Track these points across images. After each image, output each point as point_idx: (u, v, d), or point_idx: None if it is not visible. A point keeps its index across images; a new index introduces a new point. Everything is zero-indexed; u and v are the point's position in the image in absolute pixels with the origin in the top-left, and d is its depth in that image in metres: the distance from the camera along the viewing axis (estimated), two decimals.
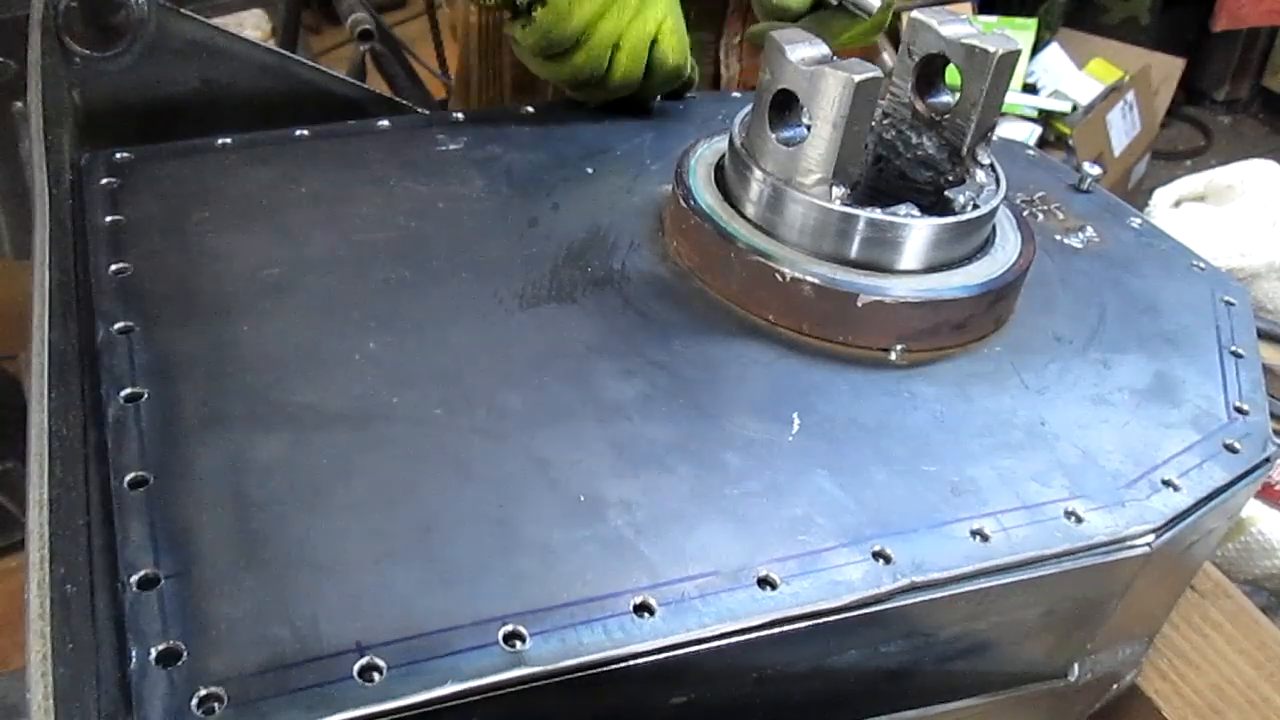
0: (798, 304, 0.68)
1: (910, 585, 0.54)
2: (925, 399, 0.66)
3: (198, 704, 0.44)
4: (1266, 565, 1.00)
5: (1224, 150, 3.78)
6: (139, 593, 0.48)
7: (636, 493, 0.57)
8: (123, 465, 0.54)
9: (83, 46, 0.83)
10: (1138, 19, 3.59)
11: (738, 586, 0.52)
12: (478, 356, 0.65)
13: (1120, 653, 0.72)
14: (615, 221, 0.78)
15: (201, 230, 0.72)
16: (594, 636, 0.49)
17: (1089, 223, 0.85)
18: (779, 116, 0.69)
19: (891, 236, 0.68)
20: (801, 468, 0.60)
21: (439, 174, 0.81)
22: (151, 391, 0.59)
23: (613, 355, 0.66)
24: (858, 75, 0.63)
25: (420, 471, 0.56)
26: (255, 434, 0.57)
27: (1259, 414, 0.68)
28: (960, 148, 0.72)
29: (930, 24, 0.71)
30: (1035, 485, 0.61)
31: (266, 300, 0.67)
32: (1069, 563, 0.58)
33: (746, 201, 0.72)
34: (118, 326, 0.63)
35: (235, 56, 0.89)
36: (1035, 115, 3.07)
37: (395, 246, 0.73)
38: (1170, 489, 0.62)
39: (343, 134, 0.84)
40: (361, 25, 1.90)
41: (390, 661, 0.46)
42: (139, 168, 0.77)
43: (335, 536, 0.52)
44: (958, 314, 0.69)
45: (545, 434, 0.60)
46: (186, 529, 0.51)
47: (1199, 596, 0.86)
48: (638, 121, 0.91)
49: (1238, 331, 0.76)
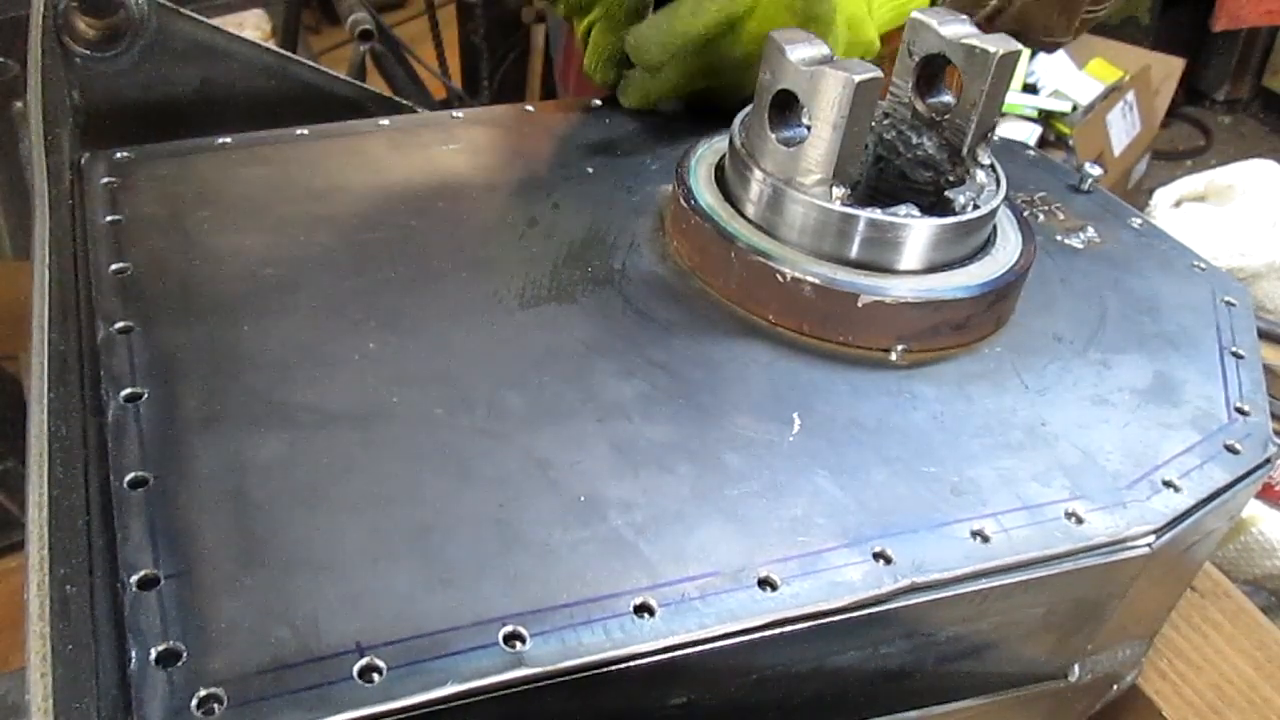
0: (798, 304, 0.68)
1: (910, 586, 0.54)
2: (925, 399, 0.66)
3: (197, 704, 0.44)
4: (1266, 565, 1.00)
5: (1224, 150, 3.78)
6: (139, 593, 0.48)
7: (636, 493, 0.57)
8: (123, 465, 0.54)
9: (83, 46, 0.83)
10: (1138, 19, 3.59)
11: (738, 587, 0.52)
12: (478, 356, 0.65)
13: (1120, 653, 0.72)
14: (615, 221, 0.78)
15: (201, 230, 0.72)
16: (594, 637, 0.49)
17: (1089, 223, 0.85)
18: (779, 116, 0.69)
19: (892, 236, 0.68)
20: (802, 468, 0.60)
21: (439, 174, 0.81)
22: (151, 391, 0.59)
23: (613, 355, 0.66)
24: (858, 75, 0.63)
25: (420, 471, 0.56)
26: (255, 434, 0.57)
27: (1259, 414, 0.68)
28: (960, 148, 0.72)
29: (930, 24, 0.71)
30: (1036, 486, 0.61)
31: (266, 300, 0.66)
32: (1069, 563, 0.58)
33: (746, 201, 0.72)
34: (118, 326, 0.63)
35: (235, 56, 0.89)
36: (1035, 115, 3.07)
37: (395, 246, 0.73)
38: (1171, 490, 0.62)
39: (343, 134, 0.84)
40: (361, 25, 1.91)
41: (390, 662, 0.46)
42: (139, 168, 0.77)
43: (335, 536, 0.52)
44: (958, 314, 0.69)
45: (545, 434, 0.60)
46: (186, 529, 0.51)
47: (1199, 596, 0.86)
48: (638, 121, 0.91)
49: (1238, 332, 0.76)
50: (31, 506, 0.48)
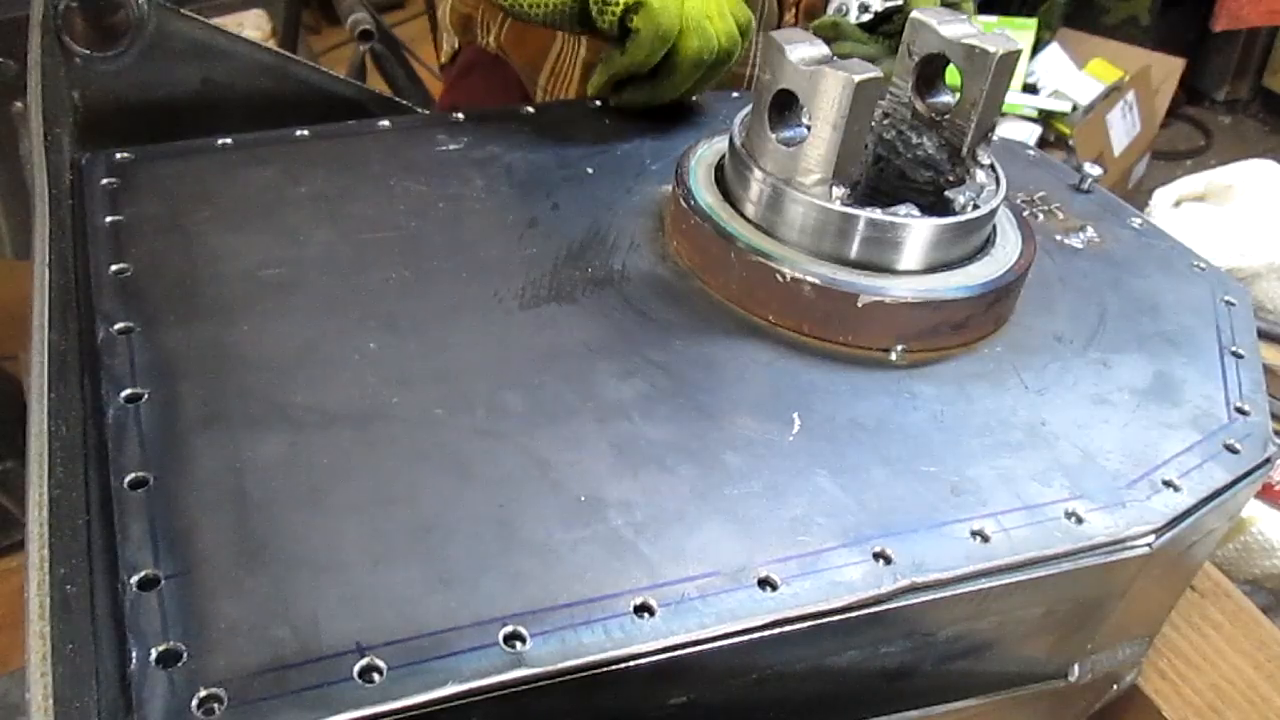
0: (798, 304, 0.68)
1: (910, 586, 0.54)
2: (925, 399, 0.66)
3: (198, 704, 0.44)
4: (1266, 565, 1.00)
5: (1224, 150, 3.77)
6: (139, 593, 0.48)
7: (636, 493, 0.57)
8: (123, 465, 0.54)
9: (83, 46, 0.83)
10: (1138, 19, 3.58)
11: (738, 587, 0.52)
12: (478, 356, 0.65)
13: (1120, 653, 0.72)
14: (615, 221, 0.78)
15: (201, 230, 0.72)
16: (594, 637, 0.49)
17: (1089, 223, 0.85)
18: (779, 116, 0.69)
19: (891, 236, 0.68)
20: (802, 468, 0.60)
21: (439, 174, 0.81)
22: (151, 391, 0.59)
23: (613, 355, 0.66)
24: (858, 75, 0.63)
25: (420, 471, 0.56)
26: (255, 434, 0.57)
27: (1259, 414, 0.68)
28: (960, 148, 0.72)
29: (930, 24, 0.71)
30: (1035, 485, 0.61)
31: (266, 300, 0.66)
32: (1069, 563, 0.58)
33: (746, 201, 0.72)
34: (118, 326, 0.63)
35: (235, 57, 0.89)
36: (1035, 115, 3.07)
37: (395, 246, 0.73)
38: (1171, 489, 0.62)
39: (343, 134, 0.84)
40: (361, 25, 1.91)
41: (390, 662, 0.46)
42: (139, 168, 0.77)
43: (335, 537, 0.52)
44: (958, 314, 0.69)
45: (545, 434, 0.60)
46: (186, 529, 0.51)
47: (1199, 596, 0.86)
48: (638, 122, 0.91)
49: (1238, 332, 0.76)
50: (31, 506, 0.48)
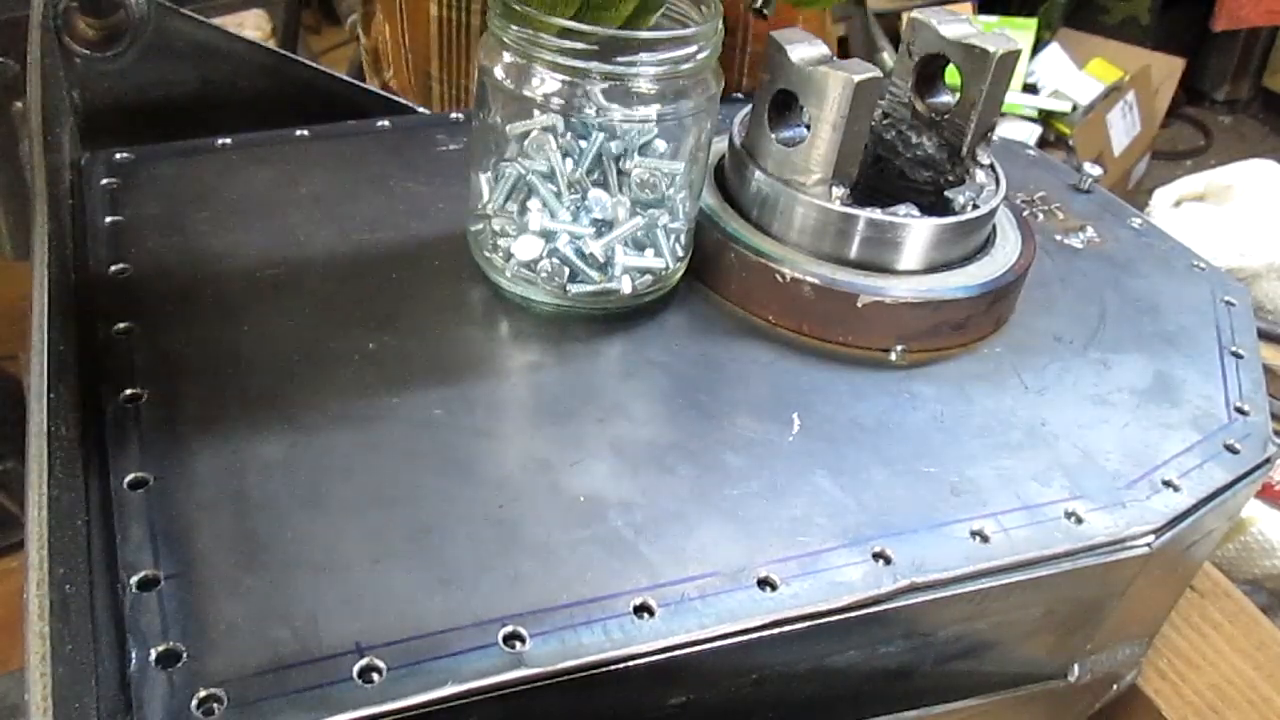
0: (798, 304, 0.68)
1: (910, 586, 0.54)
2: (925, 399, 0.66)
3: (197, 705, 0.44)
4: (1266, 565, 1.00)
5: (1224, 150, 3.77)
6: (139, 593, 0.48)
7: (636, 493, 0.57)
8: (122, 465, 0.54)
9: (83, 46, 0.83)
10: (1138, 19, 3.58)
11: (738, 587, 0.52)
12: (478, 356, 0.65)
13: (1120, 653, 0.72)
14: None
15: (201, 230, 0.72)
16: (594, 637, 0.49)
17: (1089, 223, 0.85)
18: (779, 116, 0.69)
19: (891, 236, 0.68)
20: (801, 468, 0.60)
21: (439, 174, 0.81)
22: (151, 391, 0.59)
23: (613, 355, 0.66)
24: (858, 75, 0.63)
25: (420, 472, 0.56)
26: (255, 434, 0.57)
27: (1259, 414, 0.68)
28: (960, 148, 0.72)
29: (930, 24, 0.71)
30: (1035, 485, 0.61)
31: (266, 300, 0.67)
32: (1069, 563, 0.58)
33: (746, 201, 0.72)
34: (118, 327, 0.63)
35: (235, 56, 0.88)
36: (1035, 115, 3.07)
37: (395, 247, 0.73)
38: (1170, 489, 0.62)
39: (343, 134, 0.84)
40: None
41: (390, 662, 0.46)
42: (139, 168, 0.77)
43: (335, 537, 0.52)
44: (958, 314, 0.69)
45: (545, 434, 0.60)
46: (186, 530, 0.51)
47: (1199, 596, 0.86)
48: None
49: (1238, 332, 0.76)
50: (31, 506, 0.48)
